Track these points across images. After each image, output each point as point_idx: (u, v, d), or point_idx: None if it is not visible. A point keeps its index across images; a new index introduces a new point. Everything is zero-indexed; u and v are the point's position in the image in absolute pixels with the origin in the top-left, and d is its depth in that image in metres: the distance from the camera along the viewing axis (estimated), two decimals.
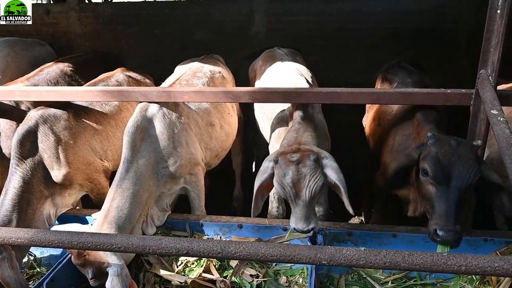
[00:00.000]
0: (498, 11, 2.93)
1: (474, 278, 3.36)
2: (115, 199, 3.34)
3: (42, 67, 4.90)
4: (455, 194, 2.75)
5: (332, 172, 3.05)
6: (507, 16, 2.91)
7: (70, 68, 5.01)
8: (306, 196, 2.95)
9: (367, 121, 4.83)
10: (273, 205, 4.16)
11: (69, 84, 4.89)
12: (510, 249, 3.43)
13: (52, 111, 3.83)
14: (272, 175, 3.10)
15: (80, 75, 5.03)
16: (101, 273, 3.03)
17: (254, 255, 1.93)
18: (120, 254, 3.11)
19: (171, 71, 4.63)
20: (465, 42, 6.63)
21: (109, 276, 2.97)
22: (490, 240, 3.47)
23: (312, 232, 3.41)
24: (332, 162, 3.10)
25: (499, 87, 4.19)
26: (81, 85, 4.74)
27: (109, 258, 3.03)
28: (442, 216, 2.73)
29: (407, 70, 4.56)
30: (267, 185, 3.19)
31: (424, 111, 3.67)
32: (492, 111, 2.65)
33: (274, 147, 3.98)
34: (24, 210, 3.51)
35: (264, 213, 3.81)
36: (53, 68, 4.89)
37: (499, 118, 2.54)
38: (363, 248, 1.87)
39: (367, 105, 5.04)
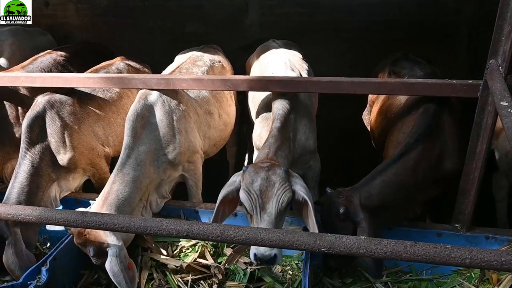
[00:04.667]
0: None
1: (473, 276, 3.32)
2: (115, 183, 3.42)
3: (35, 56, 4.96)
4: None
5: (302, 188, 2.96)
6: None
7: (63, 58, 5.06)
8: (273, 208, 2.81)
9: (372, 115, 4.69)
10: None
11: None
12: None
13: (58, 96, 3.91)
14: (238, 189, 2.96)
15: (72, 64, 5.09)
16: (102, 252, 3.12)
17: (253, 239, 1.96)
18: (120, 235, 3.19)
19: (162, 63, 4.65)
20: (466, 36, 6.43)
21: (108, 257, 3.05)
22: (492, 238, 3.40)
23: (274, 265, 3.36)
24: (302, 181, 3.03)
25: None
26: None
27: (109, 238, 3.11)
28: None
29: (416, 62, 4.36)
30: (231, 200, 3.07)
31: (423, 111, 3.58)
32: (501, 103, 2.50)
33: (256, 132, 4.03)
34: (34, 193, 3.61)
35: None
36: (47, 58, 4.95)
37: (509, 110, 2.39)
38: (363, 237, 1.86)
39: (370, 99, 4.95)
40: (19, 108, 4.41)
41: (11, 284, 3.07)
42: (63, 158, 3.82)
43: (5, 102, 4.38)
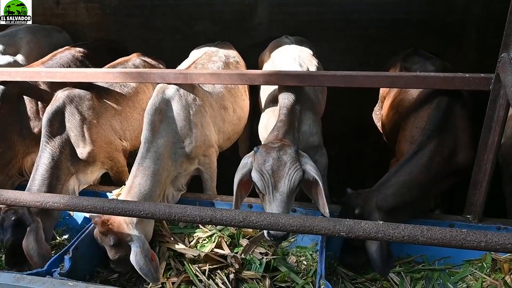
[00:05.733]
0: None
1: (485, 266, 3.36)
2: (137, 176, 3.48)
3: (54, 52, 5.03)
4: None
5: (312, 168, 3.02)
6: None
7: (81, 54, 5.14)
8: (285, 187, 2.87)
9: (384, 110, 4.70)
10: None
11: None
12: None
13: (77, 91, 3.99)
14: (251, 170, 3.00)
15: (89, 60, 5.16)
16: (121, 243, 3.19)
17: (275, 224, 2.02)
18: (141, 230, 3.29)
19: (171, 62, 4.67)
20: (474, 34, 6.36)
21: (132, 252, 3.13)
22: (503, 228, 3.42)
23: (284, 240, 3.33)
24: (311, 161, 3.09)
25: None
26: None
27: (131, 231, 3.19)
28: None
29: (428, 58, 4.38)
30: (246, 182, 3.11)
31: (435, 106, 3.61)
32: None
33: (262, 122, 4.09)
34: (53, 185, 3.68)
35: None
36: (65, 54, 5.03)
37: None
38: (381, 222, 1.90)
39: (381, 94, 4.99)
40: (39, 103, 4.48)
41: (36, 271, 3.14)
42: (82, 151, 3.90)
43: (25, 97, 4.45)
